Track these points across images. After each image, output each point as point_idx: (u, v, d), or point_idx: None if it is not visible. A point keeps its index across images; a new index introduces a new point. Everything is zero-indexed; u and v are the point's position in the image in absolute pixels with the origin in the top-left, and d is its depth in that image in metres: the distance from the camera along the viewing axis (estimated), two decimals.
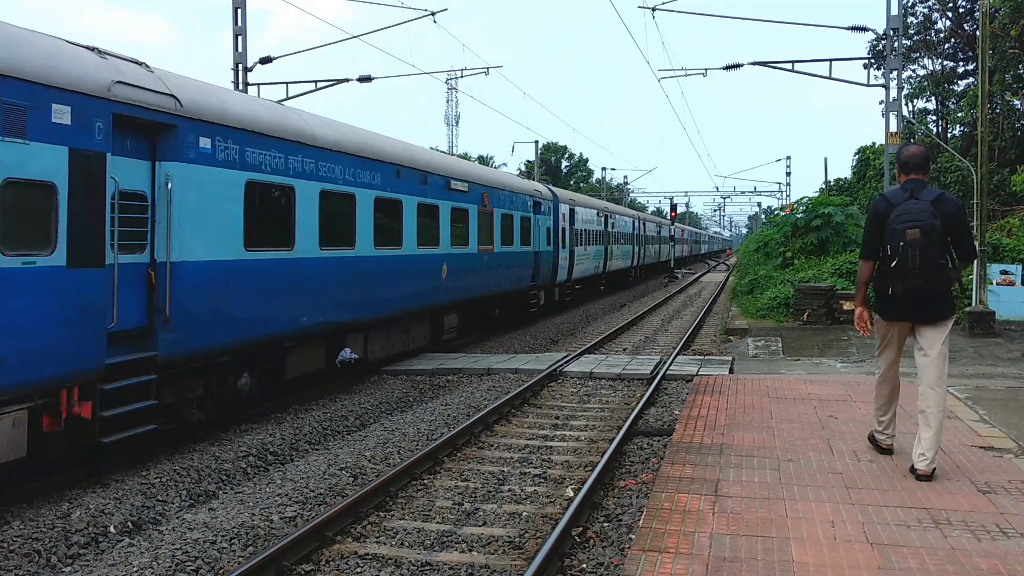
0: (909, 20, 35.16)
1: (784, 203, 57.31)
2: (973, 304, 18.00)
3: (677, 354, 15.74)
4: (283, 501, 7.27)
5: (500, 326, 20.48)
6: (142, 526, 6.84)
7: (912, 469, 6.55)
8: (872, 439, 7.40)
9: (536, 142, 49.99)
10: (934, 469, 6.47)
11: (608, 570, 5.75)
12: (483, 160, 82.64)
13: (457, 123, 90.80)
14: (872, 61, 30.78)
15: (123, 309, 7.88)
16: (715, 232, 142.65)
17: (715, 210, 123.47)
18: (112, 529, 6.68)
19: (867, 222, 6.70)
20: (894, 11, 19.56)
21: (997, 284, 18.74)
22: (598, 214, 31.43)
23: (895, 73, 20.04)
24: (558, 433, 9.86)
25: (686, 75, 25.14)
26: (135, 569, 5.76)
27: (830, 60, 20.82)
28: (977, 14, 27.04)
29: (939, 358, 6.40)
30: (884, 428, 7.17)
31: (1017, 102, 30.89)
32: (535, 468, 8.34)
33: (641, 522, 5.75)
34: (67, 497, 7.27)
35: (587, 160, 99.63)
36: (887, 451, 7.20)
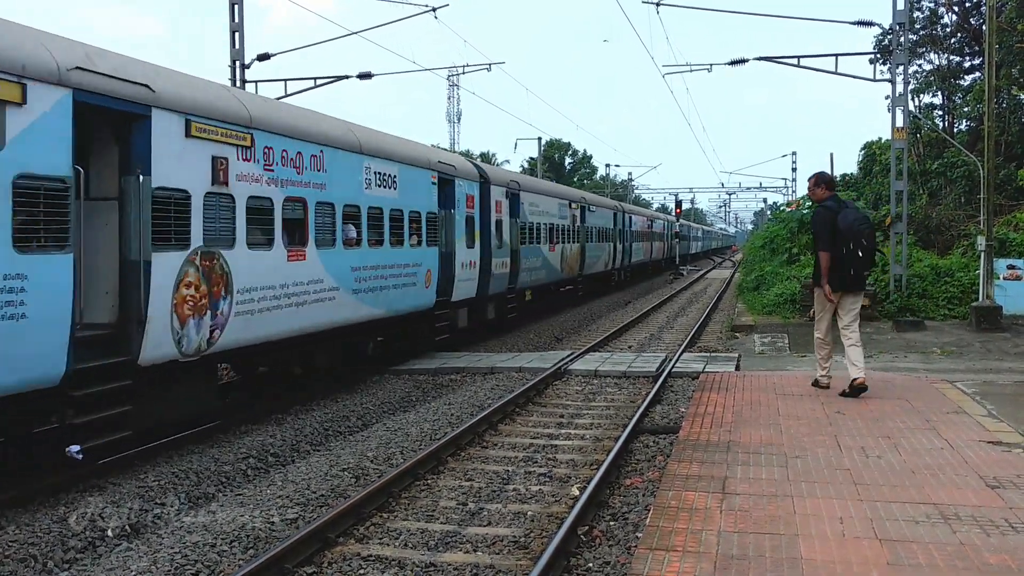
0: (915, 15, 34.94)
1: (790, 199, 57.11)
2: (980, 299, 17.88)
3: (683, 351, 15.64)
4: (284, 503, 7.19)
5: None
6: (140, 530, 6.76)
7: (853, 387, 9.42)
8: (817, 383, 10.09)
9: (539, 139, 49.88)
10: None
11: (615, 569, 5.67)
12: (485, 157, 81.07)
13: (459, 120, 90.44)
14: (878, 56, 30.60)
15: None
16: (720, 228, 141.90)
17: (720, 206, 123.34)
18: (110, 533, 6.61)
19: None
20: (900, 6, 19.40)
21: (1004, 279, 18.65)
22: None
23: (901, 68, 19.87)
24: (563, 432, 9.77)
25: (691, 71, 24.88)
26: (133, 573, 5.70)
27: (836, 55, 20.63)
28: (983, 8, 26.92)
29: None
30: (828, 371, 10.08)
31: None
32: (540, 467, 8.25)
33: (648, 520, 5.69)
34: (64, 501, 7.19)
35: (591, 157, 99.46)
36: (827, 388, 9.95)
